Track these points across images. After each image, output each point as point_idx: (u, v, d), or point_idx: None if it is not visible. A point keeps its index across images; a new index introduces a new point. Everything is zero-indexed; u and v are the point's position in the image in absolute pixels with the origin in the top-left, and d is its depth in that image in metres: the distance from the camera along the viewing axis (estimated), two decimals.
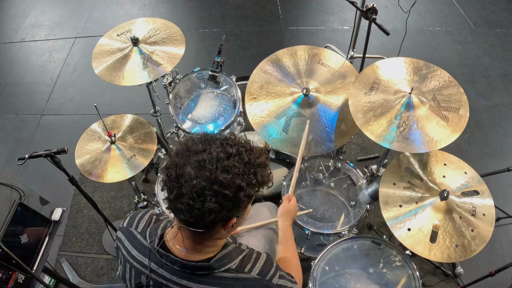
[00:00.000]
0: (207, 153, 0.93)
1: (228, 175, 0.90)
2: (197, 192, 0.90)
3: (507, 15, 4.08)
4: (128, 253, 1.11)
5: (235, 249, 1.09)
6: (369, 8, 1.78)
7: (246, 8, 4.11)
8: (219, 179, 0.90)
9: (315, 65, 1.92)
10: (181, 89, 2.18)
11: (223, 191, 0.90)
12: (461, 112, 1.60)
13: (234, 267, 1.04)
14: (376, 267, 1.65)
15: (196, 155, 0.93)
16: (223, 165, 0.91)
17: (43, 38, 3.90)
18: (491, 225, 1.51)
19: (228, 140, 0.98)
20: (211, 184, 0.90)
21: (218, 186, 0.90)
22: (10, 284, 1.47)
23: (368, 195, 1.70)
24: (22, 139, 3.09)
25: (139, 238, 1.10)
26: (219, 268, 1.02)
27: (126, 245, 1.12)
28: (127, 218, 1.18)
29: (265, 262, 1.09)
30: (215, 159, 0.91)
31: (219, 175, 0.90)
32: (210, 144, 0.96)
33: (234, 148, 0.95)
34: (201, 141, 0.97)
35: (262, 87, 1.86)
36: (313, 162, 2.03)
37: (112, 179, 1.81)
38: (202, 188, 0.89)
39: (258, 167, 0.97)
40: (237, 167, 0.92)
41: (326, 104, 1.81)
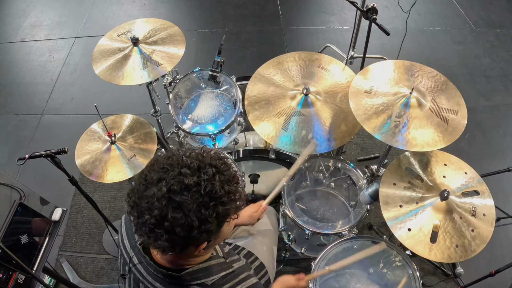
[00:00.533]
0: (159, 187, 0.85)
1: (179, 213, 0.84)
2: (149, 229, 0.86)
3: (507, 15, 4.08)
4: (122, 240, 1.13)
5: (219, 264, 1.05)
6: (370, 8, 1.78)
7: (246, 8, 4.11)
8: (168, 218, 0.84)
9: (315, 69, 1.93)
10: (181, 89, 2.18)
11: (174, 229, 0.85)
12: (460, 114, 1.60)
13: (210, 283, 1.00)
14: (376, 267, 1.65)
15: (150, 187, 0.87)
16: (174, 201, 0.84)
17: (43, 38, 3.90)
18: (491, 225, 1.51)
19: (190, 165, 0.88)
20: (161, 222, 0.85)
21: (168, 224, 0.85)
22: (10, 284, 1.47)
23: (368, 195, 1.70)
24: (22, 139, 3.09)
25: (133, 230, 1.08)
26: (191, 281, 0.99)
27: (123, 232, 1.13)
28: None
29: (250, 287, 1.04)
30: (166, 195, 0.84)
31: (169, 213, 0.84)
32: (167, 172, 0.87)
33: (192, 178, 0.86)
34: (159, 168, 0.89)
35: (264, 105, 1.85)
36: (313, 162, 2.03)
37: (112, 179, 1.81)
38: (153, 225, 0.85)
39: (221, 197, 0.88)
40: (190, 203, 0.84)
41: (326, 104, 1.81)
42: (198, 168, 0.88)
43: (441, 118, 1.60)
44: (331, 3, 4.19)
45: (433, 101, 1.65)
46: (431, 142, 1.54)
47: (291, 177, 1.91)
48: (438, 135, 1.55)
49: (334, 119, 1.78)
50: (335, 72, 1.92)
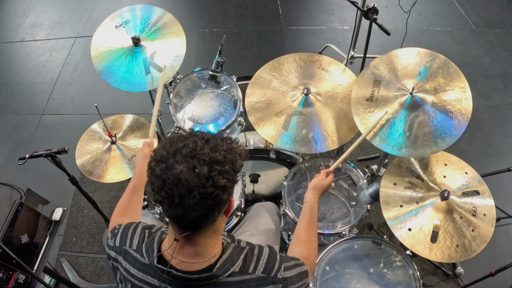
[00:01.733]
0: (190, 144, 0.93)
1: (219, 153, 0.93)
2: (205, 178, 0.89)
3: (507, 15, 4.08)
4: (127, 272, 1.07)
5: (235, 249, 1.07)
6: (370, 8, 1.78)
7: (246, 8, 4.11)
8: (215, 159, 0.91)
9: (315, 70, 1.93)
10: (181, 89, 2.18)
11: (224, 167, 0.92)
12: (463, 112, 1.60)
13: (238, 270, 1.02)
14: (377, 267, 1.65)
15: (181, 151, 0.92)
16: (210, 147, 0.93)
17: (43, 37, 3.90)
18: (492, 225, 1.51)
19: (195, 133, 0.99)
20: (212, 166, 0.91)
21: (218, 165, 0.91)
22: (11, 284, 1.48)
23: (369, 195, 1.70)
24: (23, 139, 3.09)
25: (136, 256, 1.06)
26: (223, 274, 1.00)
27: (124, 265, 1.08)
28: (118, 236, 1.13)
29: (269, 257, 1.08)
30: (203, 144, 0.93)
31: (213, 155, 0.91)
32: (185, 139, 0.95)
33: (207, 135, 0.97)
34: (176, 140, 0.96)
35: (265, 107, 1.85)
36: (313, 162, 2.03)
37: (113, 179, 1.81)
38: (206, 172, 0.90)
39: (232, 143, 1.00)
40: (221, 144, 0.95)
41: (327, 104, 1.81)
42: (202, 132, 0.99)
43: (445, 114, 1.60)
44: (331, 3, 4.19)
45: (436, 95, 1.64)
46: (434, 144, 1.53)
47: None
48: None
49: (335, 119, 1.78)
50: (335, 73, 1.92)
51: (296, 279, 1.09)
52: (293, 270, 1.09)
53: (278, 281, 1.04)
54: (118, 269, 1.10)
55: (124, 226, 1.15)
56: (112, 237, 1.14)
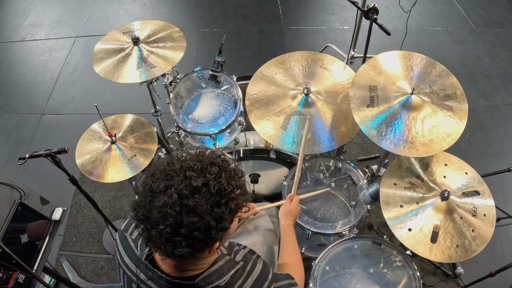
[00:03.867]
0: (168, 194, 0.83)
1: (194, 217, 0.83)
2: (166, 239, 0.84)
3: (507, 15, 4.08)
4: (121, 259, 1.09)
5: (227, 262, 1.05)
6: (370, 8, 1.78)
7: (246, 8, 4.11)
8: (184, 223, 0.82)
9: (317, 69, 1.93)
10: (181, 88, 2.18)
11: (193, 234, 0.84)
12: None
13: (223, 284, 1.00)
14: (377, 267, 1.65)
15: (158, 197, 0.84)
16: (187, 206, 0.83)
17: (43, 37, 3.90)
18: (492, 226, 1.51)
19: (194, 168, 0.87)
20: (178, 229, 0.83)
21: (185, 230, 0.83)
22: (11, 284, 1.47)
23: (369, 195, 1.70)
24: (23, 138, 3.09)
25: (132, 246, 1.08)
26: (206, 286, 0.99)
27: (120, 250, 1.10)
28: (126, 222, 1.15)
29: (259, 275, 1.05)
30: (178, 201, 0.82)
31: (184, 219, 0.82)
32: (173, 178, 0.85)
33: (199, 180, 0.84)
34: (163, 176, 0.87)
35: (264, 104, 1.85)
36: (314, 162, 2.03)
37: (113, 179, 1.81)
38: (169, 234, 0.83)
39: (231, 193, 0.88)
40: (203, 204, 0.83)
41: (327, 105, 1.81)
42: (202, 168, 0.87)
43: (445, 109, 1.60)
44: (331, 3, 4.19)
45: (432, 92, 1.65)
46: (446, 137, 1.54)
47: (292, 176, 1.91)
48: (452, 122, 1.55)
49: (334, 120, 1.78)
50: (337, 72, 1.92)
51: None
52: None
53: None
54: (116, 251, 1.13)
55: None
56: (123, 220, 1.18)
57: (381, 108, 1.61)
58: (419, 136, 1.54)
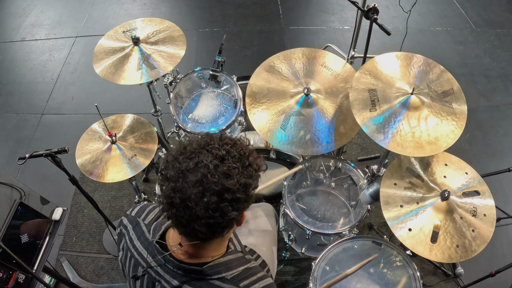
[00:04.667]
0: (201, 167, 0.87)
1: (232, 179, 0.87)
2: (213, 209, 0.86)
3: (507, 15, 4.08)
4: (131, 242, 1.11)
5: (238, 258, 1.06)
6: (370, 8, 1.77)
7: (246, 8, 4.11)
8: (226, 187, 0.86)
9: (317, 67, 1.92)
10: (181, 88, 2.18)
11: (236, 196, 0.88)
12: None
13: (230, 277, 1.01)
14: (377, 267, 1.65)
15: (191, 173, 0.87)
16: (222, 172, 0.87)
17: (43, 37, 3.90)
18: (492, 226, 1.51)
19: (211, 143, 0.92)
20: (222, 195, 0.87)
21: (229, 194, 0.87)
22: (11, 284, 1.47)
23: (369, 195, 1.70)
24: (23, 138, 3.09)
25: (144, 230, 1.10)
26: (212, 275, 1.00)
27: (131, 234, 1.12)
28: (137, 208, 1.18)
29: (265, 286, 1.05)
30: (213, 169, 0.87)
31: (225, 183, 0.86)
32: (198, 155, 0.89)
33: (222, 150, 0.90)
34: (188, 156, 0.90)
35: (263, 93, 1.85)
36: (314, 162, 2.03)
37: (113, 179, 1.81)
38: (215, 202, 0.86)
39: (249, 156, 0.94)
40: (235, 167, 0.89)
41: (326, 105, 1.81)
42: (218, 142, 0.93)
43: (446, 105, 1.60)
44: (331, 2, 4.19)
45: (431, 90, 1.65)
46: (450, 133, 1.54)
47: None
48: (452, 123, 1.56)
49: (333, 121, 1.78)
50: (337, 71, 1.91)
51: None
52: None
53: None
54: (124, 236, 1.14)
55: (145, 203, 1.21)
56: (131, 209, 1.20)
57: (383, 109, 1.61)
58: (424, 135, 1.54)
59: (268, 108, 1.81)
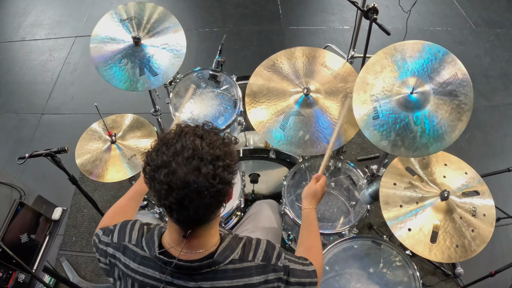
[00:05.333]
0: (188, 145, 0.92)
1: (217, 148, 0.93)
2: (212, 176, 0.90)
3: (507, 15, 4.08)
4: (127, 267, 1.07)
5: (233, 239, 1.08)
6: (370, 8, 1.77)
7: (246, 8, 4.11)
8: (216, 154, 0.92)
9: (317, 67, 1.92)
10: (181, 88, 2.18)
11: (226, 162, 0.93)
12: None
13: (238, 257, 1.03)
14: (376, 267, 1.65)
15: (181, 153, 0.91)
16: (208, 143, 0.93)
17: (43, 37, 3.90)
18: (492, 226, 1.51)
19: (185, 129, 0.97)
20: (215, 163, 0.91)
21: (220, 161, 0.92)
22: (11, 284, 1.48)
23: (369, 195, 1.70)
24: (23, 138, 3.09)
25: (136, 250, 1.06)
26: (224, 261, 1.01)
27: (123, 260, 1.07)
28: (115, 232, 1.12)
29: (267, 247, 1.09)
30: (199, 144, 0.92)
31: (214, 152, 0.92)
32: (179, 140, 0.94)
33: (198, 130, 0.97)
34: (170, 143, 0.94)
35: (263, 92, 1.85)
36: (313, 162, 2.03)
37: (113, 179, 1.81)
38: (212, 170, 0.90)
39: (219, 132, 1.01)
40: (215, 139, 0.95)
41: (326, 105, 1.81)
42: (190, 127, 0.98)
43: (451, 95, 1.61)
44: (331, 2, 4.19)
45: (432, 81, 1.62)
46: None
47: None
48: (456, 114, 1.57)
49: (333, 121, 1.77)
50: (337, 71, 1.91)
51: (302, 274, 1.09)
52: (297, 265, 1.10)
53: (279, 269, 1.05)
54: (116, 265, 1.10)
55: (121, 224, 1.15)
56: (107, 234, 1.14)
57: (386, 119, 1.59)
58: (431, 134, 1.54)
59: (267, 108, 1.81)
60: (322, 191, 1.48)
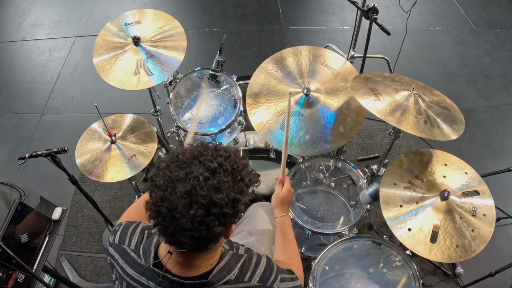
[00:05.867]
0: (191, 178, 0.87)
1: (221, 193, 0.87)
2: (199, 222, 0.86)
3: (507, 15, 4.08)
4: (124, 271, 1.07)
5: (232, 256, 1.06)
6: (370, 8, 1.77)
7: (246, 7, 4.11)
8: (215, 201, 0.86)
9: (318, 66, 1.92)
10: (181, 88, 2.18)
11: (223, 211, 0.88)
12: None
13: (234, 277, 1.01)
14: (376, 267, 1.65)
15: (181, 183, 0.87)
16: (212, 185, 0.87)
17: (43, 37, 3.89)
18: (492, 226, 1.51)
19: (204, 154, 0.92)
20: (209, 209, 0.86)
21: (216, 209, 0.87)
22: (10, 284, 1.48)
23: (369, 195, 1.70)
24: (23, 138, 3.09)
25: (133, 256, 1.06)
26: (218, 282, 0.99)
27: (121, 263, 1.08)
28: (118, 233, 1.13)
29: (266, 267, 1.07)
30: (203, 182, 0.86)
31: (214, 197, 0.86)
32: (189, 165, 0.89)
33: (214, 162, 0.90)
34: (179, 165, 0.90)
35: (263, 94, 1.85)
36: (313, 162, 2.03)
37: (113, 179, 1.81)
38: (201, 216, 0.86)
39: (242, 170, 0.94)
40: (225, 181, 0.88)
41: (326, 105, 1.81)
42: (211, 154, 0.92)
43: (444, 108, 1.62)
44: (331, 2, 4.19)
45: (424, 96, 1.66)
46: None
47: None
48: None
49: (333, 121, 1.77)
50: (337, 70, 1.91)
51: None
52: (288, 283, 1.09)
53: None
54: (114, 266, 1.11)
55: (124, 225, 1.15)
56: (112, 234, 1.15)
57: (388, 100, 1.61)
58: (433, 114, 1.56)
59: (267, 108, 1.81)
60: (289, 195, 1.45)
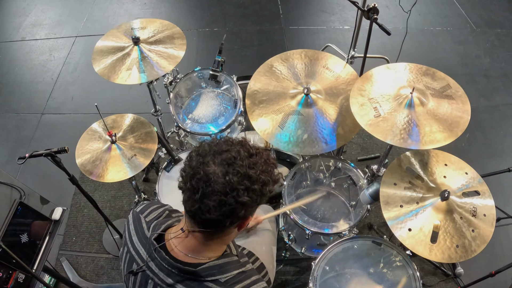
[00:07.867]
0: (233, 151, 0.96)
1: (255, 171, 0.95)
2: (231, 188, 0.92)
3: (507, 15, 4.08)
4: (130, 238, 1.13)
5: (233, 262, 1.07)
6: (370, 8, 1.77)
7: (246, 8, 4.11)
8: (248, 174, 0.93)
9: (319, 69, 1.92)
10: (181, 88, 2.18)
11: (253, 186, 0.94)
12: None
13: (223, 281, 1.01)
14: (377, 267, 1.65)
15: (222, 154, 0.95)
16: (249, 162, 0.95)
17: (43, 37, 3.90)
18: (492, 226, 1.51)
19: (243, 143, 1.02)
20: (242, 179, 0.93)
21: (248, 181, 0.94)
22: (10, 284, 1.48)
23: (369, 195, 1.70)
24: (23, 138, 3.09)
25: (144, 227, 1.12)
26: (206, 277, 1.00)
27: (131, 229, 1.14)
28: (143, 205, 1.21)
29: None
30: (243, 157, 0.95)
31: (248, 171, 0.94)
32: (231, 145, 0.99)
33: (253, 149, 1.00)
34: (223, 142, 1.00)
35: (264, 94, 1.85)
36: (313, 162, 2.03)
37: (113, 179, 1.81)
38: (234, 183, 0.92)
39: (273, 164, 1.03)
40: (260, 164, 0.97)
41: (326, 106, 1.81)
42: (252, 144, 1.02)
43: (447, 98, 1.62)
44: (331, 2, 4.19)
45: (428, 88, 1.66)
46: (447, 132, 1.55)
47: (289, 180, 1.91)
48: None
49: (333, 121, 1.78)
50: (338, 73, 1.91)
51: None
52: None
53: None
54: (125, 230, 1.18)
55: (153, 201, 1.24)
56: (139, 205, 1.23)
57: (389, 115, 1.61)
58: (438, 125, 1.56)
59: (268, 108, 1.81)
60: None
